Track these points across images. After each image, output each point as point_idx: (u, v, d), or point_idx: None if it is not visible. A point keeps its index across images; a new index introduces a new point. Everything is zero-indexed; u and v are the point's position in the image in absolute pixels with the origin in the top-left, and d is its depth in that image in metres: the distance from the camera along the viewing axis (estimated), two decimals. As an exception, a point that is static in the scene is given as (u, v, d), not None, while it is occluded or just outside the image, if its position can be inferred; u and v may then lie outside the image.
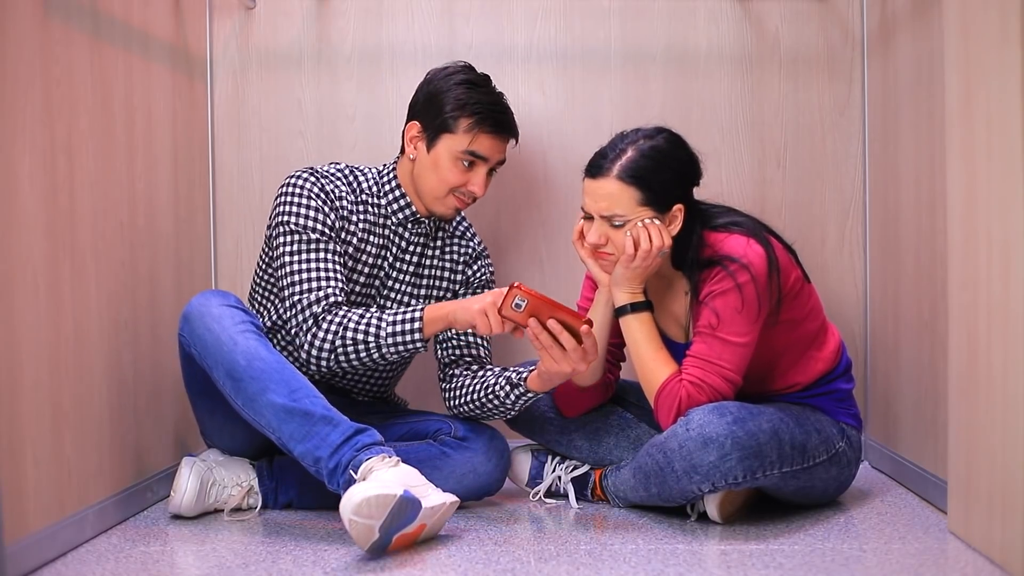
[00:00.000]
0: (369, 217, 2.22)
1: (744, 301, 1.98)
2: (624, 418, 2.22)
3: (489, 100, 2.16)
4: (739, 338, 1.99)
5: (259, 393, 1.94)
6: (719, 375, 1.99)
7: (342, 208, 2.17)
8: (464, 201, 2.20)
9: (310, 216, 2.12)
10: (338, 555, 1.85)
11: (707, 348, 2.00)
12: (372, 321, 2.04)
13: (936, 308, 2.14)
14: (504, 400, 2.11)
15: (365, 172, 2.25)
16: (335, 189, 2.18)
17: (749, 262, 1.99)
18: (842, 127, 2.65)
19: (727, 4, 2.64)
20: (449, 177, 2.16)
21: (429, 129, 2.17)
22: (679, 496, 2.00)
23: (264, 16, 2.64)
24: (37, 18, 1.81)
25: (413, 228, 2.25)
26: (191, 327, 2.03)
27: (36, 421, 1.78)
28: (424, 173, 2.18)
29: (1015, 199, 1.63)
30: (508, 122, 2.19)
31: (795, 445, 2.00)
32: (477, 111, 2.13)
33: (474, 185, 2.17)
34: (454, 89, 2.15)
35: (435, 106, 2.16)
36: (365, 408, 2.33)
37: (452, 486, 2.11)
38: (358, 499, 1.75)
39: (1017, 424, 1.64)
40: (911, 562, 1.78)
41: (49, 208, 1.83)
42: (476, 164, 2.16)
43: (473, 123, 2.13)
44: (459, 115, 2.14)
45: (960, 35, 1.84)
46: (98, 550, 1.89)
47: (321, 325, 2.05)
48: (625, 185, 1.99)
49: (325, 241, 2.12)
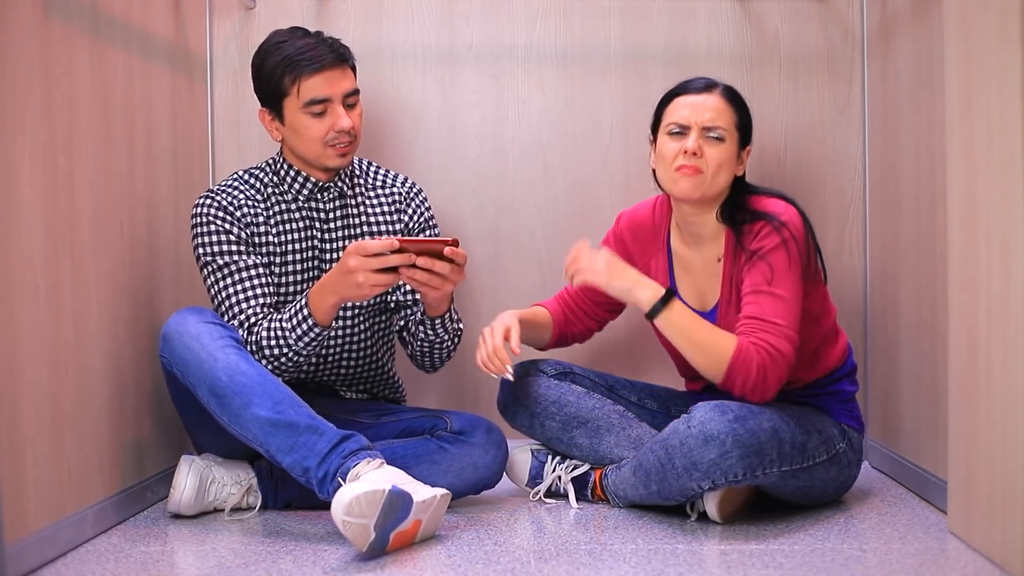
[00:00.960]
0: (280, 206, 2.25)
1: (790, 257, 2.03)
2: (626, 417, 2.22)
3: (294, 49, 2.17)
4: (792, 294, 2.02)
5: (243, 408, 1.95)
6: (783, 336, 2.00)
7: (245, 216, 2.21)
8: (342, 142, 2.19)
9: (213, 241, 2.18)
10: (338, 555, 1.85)
11: (764, 307, 2.01)
12: (276, 327, 2.09)
13: (936, 308, 2.14)
14: (429, 336, 2.24)
15: (262, 168, 2.29)
16: (233, 201, 2.21)
17: (789, 219, 2.05)
18: (842, 127, 2.65)
19: (727, 4, 2.64)
20: (314, 134, 2.18)
21: (272, 106, 2.22)
22: (679, 493, 2.00)
23: (264, 16, 2.64)
24: (37, 18, 1.81)
25: (323, 196, 2.28)
26: (171, 347, 2.03)
27: (36, 421, 1.78)
28: (296, 144, 2.21)
29: (1015, 199, 1.63)
30: (323, 53, 2.17)
31: (795, 444, 2.01)
32: (288, 64, 2.16)
33: (338, 125, 2.17)
34: (267, 61, 2.19)
35: (262, 84, 2.21)
36: (356, 406, 2.33)
37: (451, 480, 2.12)
38: (347, 499, 1.76)
39: (1017, 424, 1.64)
40: (911, 562, 1.78)
41: (49, 208, 1.83)
42: (325, 108, 2.17)
43: (292, 76, 2.16)
44: (280, 78, 2.17)
45: (960, 35, 1.84)
46: (98, 550, 1.89)
47: (251, 346, 2.12)
48: (727, 104, 2.12)
49: (235, 261, 2.17)
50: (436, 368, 2.35)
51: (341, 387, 2.36)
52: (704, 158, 2.08)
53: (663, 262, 2.22)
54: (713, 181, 2.09)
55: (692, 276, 2.19)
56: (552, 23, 2.66)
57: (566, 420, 2.23)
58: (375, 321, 2.33)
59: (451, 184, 2.65)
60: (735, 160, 2.12)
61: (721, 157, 2.09)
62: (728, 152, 2.10)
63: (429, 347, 2.27)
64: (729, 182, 2.12)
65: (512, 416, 2.28)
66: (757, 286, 2.03)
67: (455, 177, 2.66)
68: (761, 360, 1.98)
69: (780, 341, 1.99)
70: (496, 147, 2.67)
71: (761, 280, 2.03)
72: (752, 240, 2.06)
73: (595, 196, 2.66)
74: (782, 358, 1.99)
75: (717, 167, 2.08)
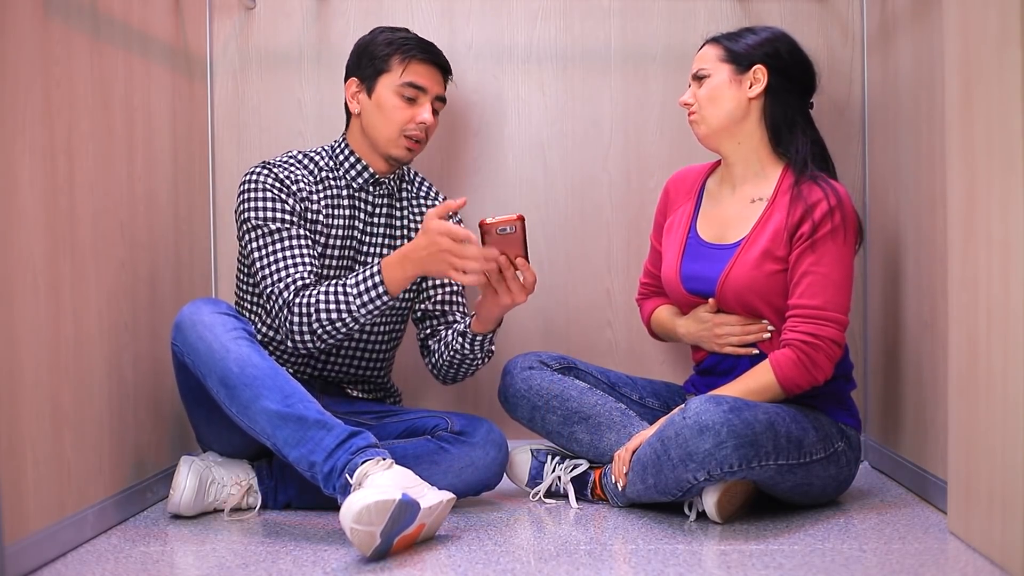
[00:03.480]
0: (331, 192, 2.26)
1: (846, 240, 2.10)
2: (627, 415, 2.22)
3: (415, 37, 2.28)
4: (841, 275, 2.09)
5: (253, 400, 1.95)
6: (825, 320, 2.08)
7: (300, 191, 2.22)
8: (418, 136, 2.24)
9: (267, 208, 2.17)
10: (338, 555, 1.85)
11: (812, 292, 2.08)
12: (338, 291, 2.08)
13: (936, 308, 2.14)
14: (463, 350, 2.23)
15: (319, 151, 2.31)
16: (290, 175, 2.22)
17: (843, 200, 2.11)
18: (842, 127, 2.65)
19: (727, 4, 2.64)
20: (396, 116, 2.23)
21: (366, 79, 2.26)
22: (675, 487, 2.00)
23: (264, 16, 2.64)
24: (37, 18, 1.81)
25: (375, 190, 2.31)
26: (183, 336, 2.03)
27: (36, 421, 1.78)
28: (372, 120, 2.25)
29: (1015, 199, 1.63)
30: (437, 51, 2.29)
31: (791, 438, 2.01)
32: (404, 44, 2.25)
33: (421, 117, 2.23)
34: (379, 38, 2.28)
35: (366, 56, 2.27)
36: (361, 406, 2.33)
37: (451, 481, 2.12)
38: (358, 507, 1.75)
39: (1017, 424, 1.64)
40: (911, 562, 1.78)
41: (49, 208, 1.83)
42: (418, 96, 2.24)
43: (404, 56, 2.23)
44: (390, 53, 2.24)
45: (960, 35, 1.84)
46: (98, 550, 1.90)
47: (293, 310, 2.09)
48: (712, 46, 2.22)
49: (287, 228, 2.17)
50: (455, 382, 2.36)
51: (348, 385, 2.37)
52: (696, 101, 2.20)
53: (690, 208, 2.30)
54: (709, 115, 2.19)
55: (719, 210, 2.25)
56: (552, 23, 2.66)
57: (567, 415, 2.23)
58: (394, 327, 2.35)
59: (450, 184, 2.65)
60: (728, 85, 2.18)
61: (707, 91, 2.19)
62: (715, 83, 2.19)
63: (459, 361, 2.27)
64: (739, 107, 2.18)
65: (513, 407, 2.28)
66: (809, 267, 2.09)
67: (455, 177, 2.65)
68: (798, 357, 2.07)
69: (821, 327, 2.07)
70: (496, 147, 2.67)
71: (812, 261, 2.08)
72: (806, 216, 2.09)
73: (595, 196, 2.66)
74: (823, 342, 2.07)
75: (705, 101, 2.18)
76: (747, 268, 2.13)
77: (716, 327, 2.18)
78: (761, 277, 2.12)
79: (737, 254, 2.15)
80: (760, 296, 2.13)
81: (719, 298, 2.17)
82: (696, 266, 2.21)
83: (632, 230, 2.64)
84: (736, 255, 2.15)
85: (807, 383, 2.08)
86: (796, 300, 2.09)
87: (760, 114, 2.19)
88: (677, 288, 2.24)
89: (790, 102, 2.19)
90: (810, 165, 2.16)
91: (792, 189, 2.14)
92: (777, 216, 2.13)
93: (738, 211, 2.21)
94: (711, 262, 2.19)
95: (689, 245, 2.24)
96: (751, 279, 2.12)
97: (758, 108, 2.18)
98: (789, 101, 2.18)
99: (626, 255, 2.65)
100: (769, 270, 2.12)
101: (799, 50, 2.22)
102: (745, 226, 2.18)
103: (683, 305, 2.27)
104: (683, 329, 2.27)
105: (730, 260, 2.15)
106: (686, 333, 2.26)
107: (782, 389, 2.08)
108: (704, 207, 2.28)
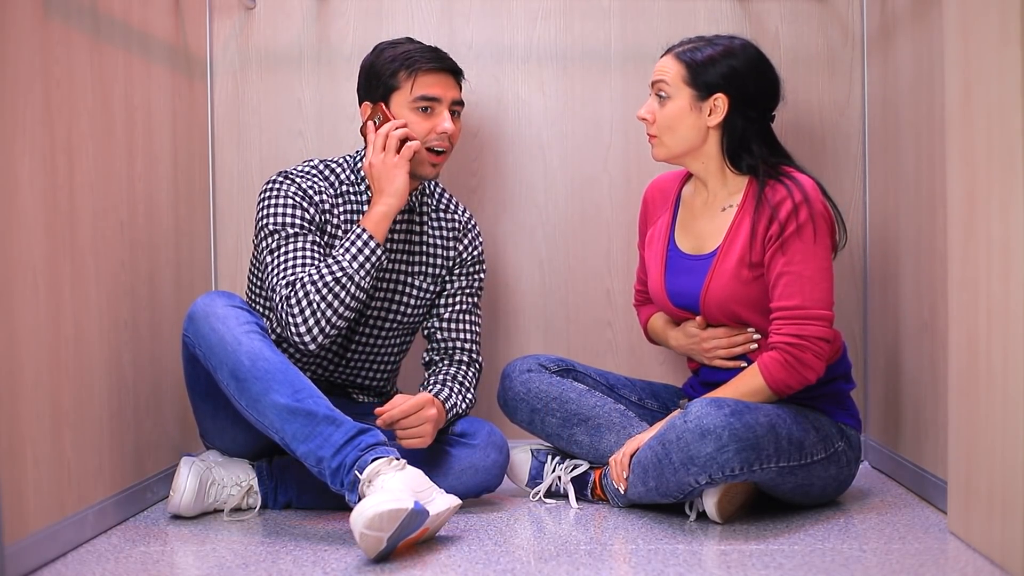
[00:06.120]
0: (351, 206, 2.24)
1: (816, 234, 2.07)
2: (626, 416, 2.22)
3: (418, 47, 2.23)
4: (817, 270, 2.07)
5: (263, 393, 1.95)
6: (809, 319, 2.06)
7: (322, 203, 2.21)
8: (441, 146, 2.22)
9: (287, 214, 2.16)
10: (338, 555, 1.85)
11: (790, 292, 2.07)
12: (330, 265, 2.08)
13: (936, 308, 2.14)
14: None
15: (339, 163, 2.29)
16: (312, 186, 2.21)
17: (810, 195, 2.08)
18: (842, 127, 2.65)
19: (727, 4, 2.64)
20: (416, 131, 2.19)
21: (379, 100, 2.22)
22: (676, 490, 2.00)
23: (264, 16, 2.64)
24: (37, 18, 1.81)
25: None
26: (196, 327, 2.03)
27: (36, 421, 1.78)
28: None
29: (1015, 199, 1.63)
30: (443, 57, 2.24)
31: (792, 440, 2.01)
32: (408, 59, 2.20)
33: (441, 127, 2.20)
34: (383, 56, 2.23)
35: (374, 77, 2.23)
36: (365, 408, 2.33)
37: (452, 483, 2.12)
38: (370, 514, 1.75)
39: (1017, 424, 1.64)
40: (911, 562, 1.78)
41: (49, 208, 1.83)
42: (433, 107, 2.20)
43: (410, 70, 2.19)
44: (395, 69, 2.20)
45: (960, 35, 1.84)
46: (98, 550, 1.89)
47: (291, 300, 2.07)
48: (675, 60, 2.15)
49: (304, 234, 2.15)
50: None
51: (354, 391, 2.36)
52: (655, 123, 2.16)
53: (667, 218, 2.28)
54: (668, 141, 2.15)
55: (694, 220, 2.23)
56: (552, 23, 2.66)
57: (567, 417, 2.23)
58: (404, 339, 2.36)
59: (451, 184, 2.64)
60: (688, 112, 2.13)
61: (666, 118, 2.14)
62: (674, 110, 2.14)
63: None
64: (699, 135, 2.14)
65: (512, 411, 2.28)
66: (782, 268, 2.07)
67: (455, 177, 2.65)
68: (784, 358, 2.05)
69: (804, 326, 2.05)
70: (496, 147, 2.67)
71: (785, 261, 2.07)
72: (772, 216, 2.07)
73: (595, 196, 2.66)
74: (808, 341, 2.05)
75: (664, 127, 2.15)
76: (725, 279, 2.12)
77: (703, 342, 2.18)
78: (740, 287, 2.11)
79: (713, 266, 2.14)
80: (743, 304, 2.12)
81: (704, 312, 2.17)
82: (679, 280, 2.20)
83: (632, 230, 2.64)
84: (712, 267, 2.14)
85: (797, 383, 2.07)
86: (776, 303, 2.08)
87: (719, 139, 2.16)
88: (666, 304, 2.24)
89: (748, 126, 2.15)
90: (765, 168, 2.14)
91: (758, 193, 2.13)
92: (747, 222, 2.13)
93: (711, 219, 2.20)
94: (691, 275, 2.18)
95: (670, 258, 2.23)
96: (731, 290, 2.12)
97: (716, 134, 2.16)
98: (747, 126, 2.15)
99: (626, 255, 2.65)
100: (747, 277, 2.11)
101: (761, 66, 2.17)
102: (719, 235, 2.17)
103: (674, 317, 2.28)
104: (674, 342, 2.27)
105: (708, 273, 2.14)
106: (677, 346, 2.27)
107: (772, 392, 2.07)
108: (681, 217, 2.26)
